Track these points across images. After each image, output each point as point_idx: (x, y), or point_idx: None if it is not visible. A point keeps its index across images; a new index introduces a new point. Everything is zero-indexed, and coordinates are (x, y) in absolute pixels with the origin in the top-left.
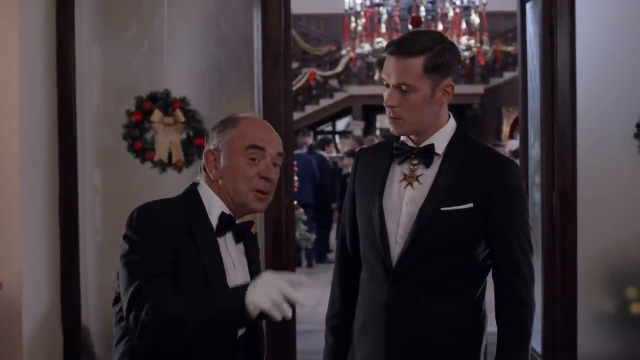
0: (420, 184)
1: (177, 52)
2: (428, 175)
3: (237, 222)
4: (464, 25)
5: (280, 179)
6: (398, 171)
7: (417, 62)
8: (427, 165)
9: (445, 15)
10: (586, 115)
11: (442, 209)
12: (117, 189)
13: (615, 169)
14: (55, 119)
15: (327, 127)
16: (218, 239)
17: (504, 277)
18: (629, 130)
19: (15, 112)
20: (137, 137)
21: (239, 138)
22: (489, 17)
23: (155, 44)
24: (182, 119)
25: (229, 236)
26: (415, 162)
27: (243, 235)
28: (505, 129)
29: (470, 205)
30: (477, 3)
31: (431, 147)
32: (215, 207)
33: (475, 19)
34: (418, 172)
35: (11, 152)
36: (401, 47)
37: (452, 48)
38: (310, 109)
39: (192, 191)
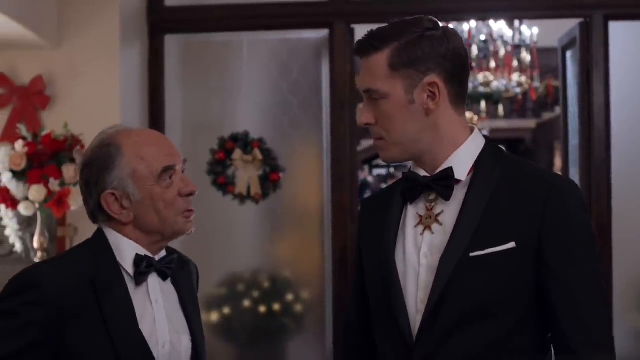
0: (441, 225)
1: (254, 97)
2: (450, 213)
3: (157, 259)
4: (515, 63)
5: (344, 207)
6: (412, 213)
7: (381, 58)
8: (447, 197)
9: (496, 53)
10: (620, 152)
11: (471, 254)
12: (202, 219)
13: None
14: None
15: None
16: (138, 287)
17: (569, 347)
18: None
19: None
20: (220, 173)
21: (143, 164)
22: (541, 52)
23: (234, 90)
24: (260, 157)
25: (152, 278)
26: (432, 197)
27: (167, 271)
28: (557, 162)
29: (512, 245)
30: (527, 42)
31: (448, 172)
32: (126, 251)
33: (526, 56)
34: (437, 210)
35: None
36: (363, 43)
37: (435, 35)
38: (365, 143)
39: (100, 237)
